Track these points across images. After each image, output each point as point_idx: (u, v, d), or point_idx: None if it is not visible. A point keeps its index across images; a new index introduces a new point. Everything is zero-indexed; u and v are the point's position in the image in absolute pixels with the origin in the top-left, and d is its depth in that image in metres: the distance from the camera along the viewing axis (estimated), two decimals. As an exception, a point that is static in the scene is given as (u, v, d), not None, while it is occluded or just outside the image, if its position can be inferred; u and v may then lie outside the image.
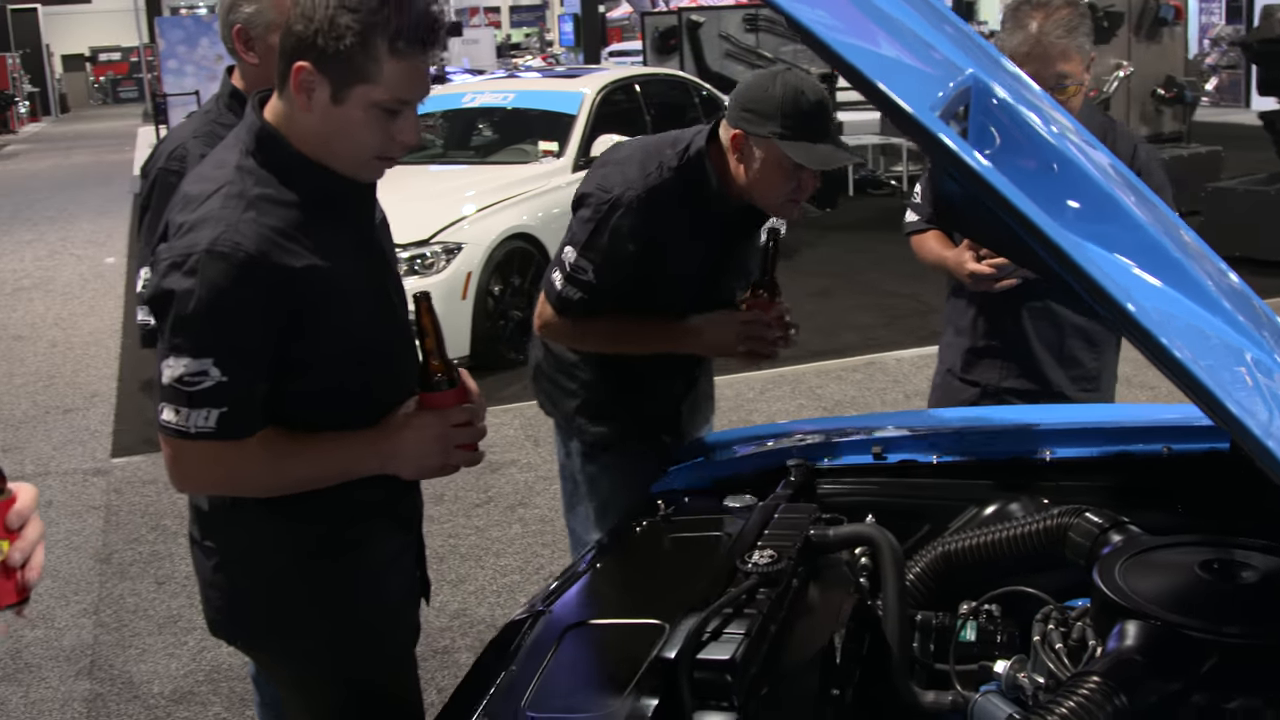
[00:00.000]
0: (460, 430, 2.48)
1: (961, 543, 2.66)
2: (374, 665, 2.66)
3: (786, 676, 2.15)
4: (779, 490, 2.83)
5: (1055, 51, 3.54)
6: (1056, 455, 2.93)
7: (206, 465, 2.36)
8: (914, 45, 1.78)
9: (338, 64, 2.25)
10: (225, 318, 2.26)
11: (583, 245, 3.25)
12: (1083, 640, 2.24)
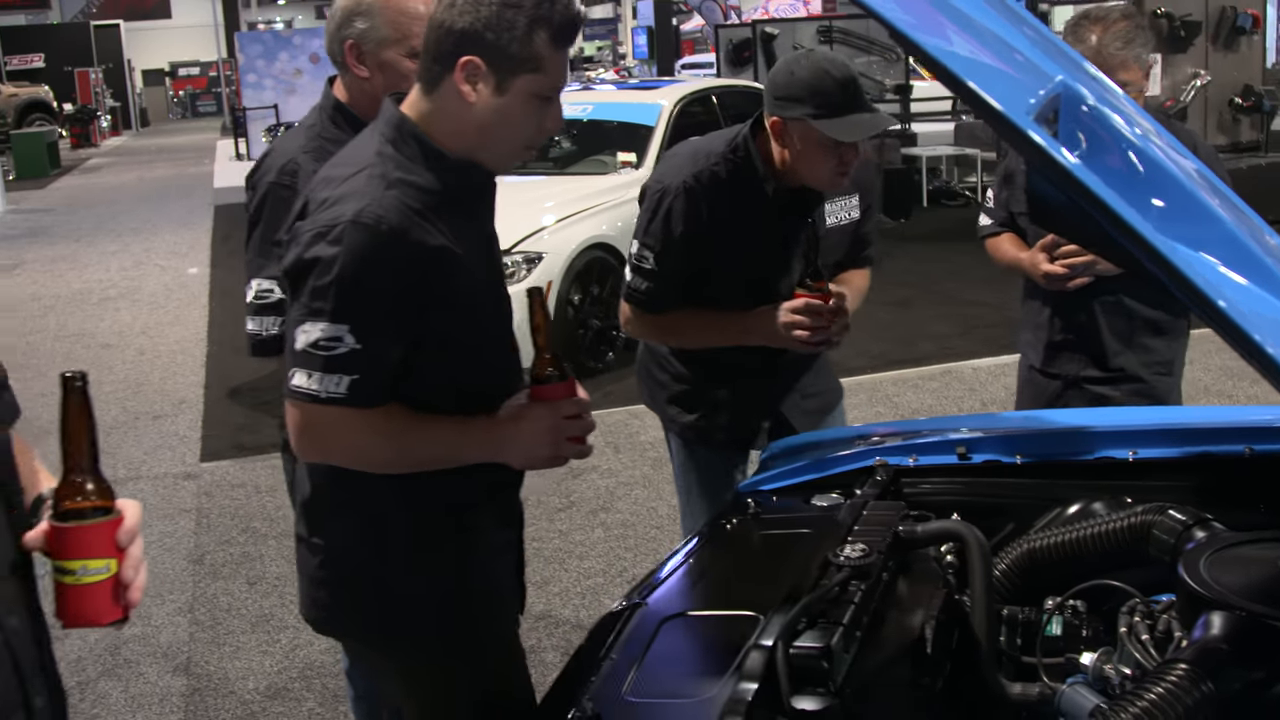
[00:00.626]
0: (570, 422, 2.53)
1: (1046, 540, 2.71)
2: (483, 654, 2.74)
3: (879, 665, 2.22)
4: (865, 489, 2.90)
5: (1115, 62, 3.69)
6: (1139, 455, 2.98)
7: (334, 432, 2.42)
8: (1003, 51, 1.86)
9: (506, 56, 2.38)
10: (364, 287, 2.35)
11: (642, 234, 3.48)
12: (1168, 632, 2.30)
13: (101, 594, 1.73)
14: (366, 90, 3.30)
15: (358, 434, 2.44)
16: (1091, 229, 1.78)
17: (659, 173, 3.55)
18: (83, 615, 1.73)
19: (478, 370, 2.59)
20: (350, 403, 2.38)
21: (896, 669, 2.26)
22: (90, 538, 1.72)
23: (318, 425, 2.43)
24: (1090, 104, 1.84)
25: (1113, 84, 2.88)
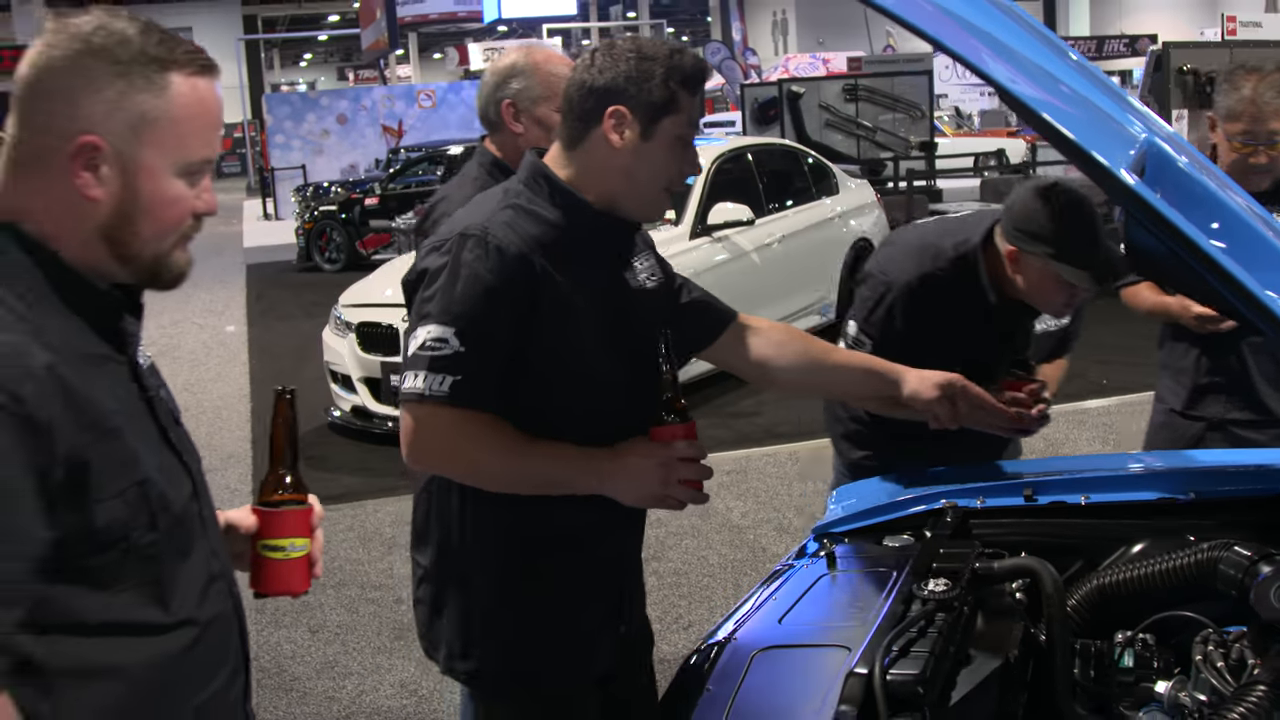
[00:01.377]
0: (684, 465, 2.56)
1: (1116, 575, 2.83)
2: (562, 684, 2.80)
3: (966, 693, 2.33)
4: (936, 530, 3.02)
5: (1269, 111, 3.89)
6: (1200, 494, 3.09)
7: (439, 435, 2.50)
8: (1095, 110, 2.00)
9: (649, 103, 2.59)
10: (470, 293, 2.49)
11: (863, 321, 3.59)
12: (1242, 660, 2.41)
13: (300, 567, 2.10)
14: (520, 146, 3.58)
15: (463, 439, 2.51)
16: (1185, 273, 1.92)
17: (883, 261, 3.63)
18: (284, 584, 2.11)
19: (591, 405, 2.66)
20: (452, 401, 2.46)
21: (982, 697, 2.37)
22: (297, 520, 2.09)
23: (425, 428, 2.51)
24: (1173, 158, 1.99)
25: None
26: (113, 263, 1.85)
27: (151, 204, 1.83)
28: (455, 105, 31.92)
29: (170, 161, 1.83)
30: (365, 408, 9.02)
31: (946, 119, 29.99)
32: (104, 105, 1.76)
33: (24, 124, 1.79)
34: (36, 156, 1.77)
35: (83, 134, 1.75)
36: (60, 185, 1.77)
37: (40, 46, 1.78)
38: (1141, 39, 35.35)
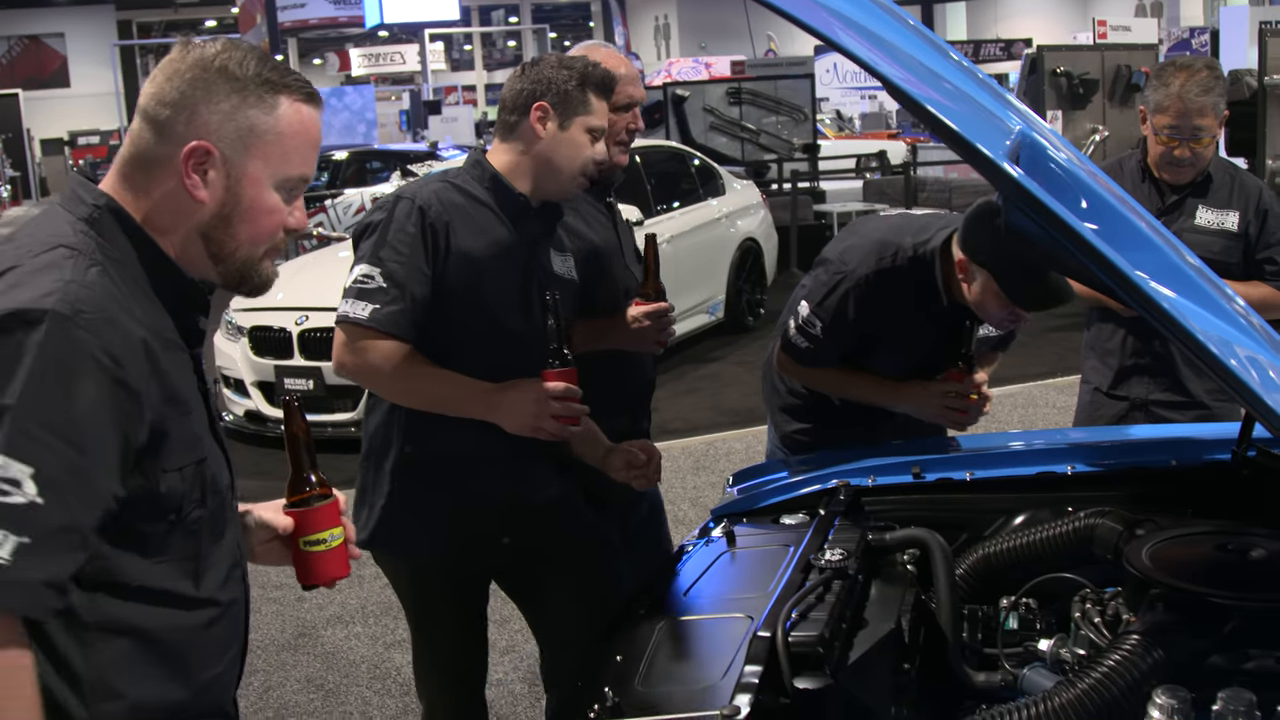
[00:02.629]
0: (557, 402, 3.09)
1: (1000, 545, 3.00)
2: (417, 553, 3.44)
3: (863, 654, 2.47)
4: (830, 508, 3.17)
5: (1194, 107, 4.04)
6: (1077, 470, 3.28)
7: (355, 351, 3.08)
8: (974, 103, 2.15)
9: (565, 101, 3.23)
10: (395, 241, 3.09)
11: (816, 304, 3.69)
12: (1117, 616, 2.58)
13: (340, 554, 2.28)
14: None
15: (376, 358, 3.08)
16: (1056, 250, 2.08)
17: (843, 250, 3.72)
18: (330, 573, 2.28)
19: (488, 349, 3.21)
20: (370, 324, 3.05)
21: (878, 658, 2.51)
22: (329, 513, 2.26)
23: (347, 344, 3.10)
24: (1044, 146, 2.15)
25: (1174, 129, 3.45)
26: (207, 262, 2.04)
27: (251, 210, 2.02)
28: (338, 110, 31.70)
29: (271, 174, 2.02)
30: (259, 412, 9.00)
31: (828, 121, 30.40)
32: (219, 116, 1.95)
33: (145, 128, 1.97)
34: (153, 157, 1.96)
35: (197, 139, 1.94)
36: (170, 184, 1.95)
37: (168, 63, 1.98)
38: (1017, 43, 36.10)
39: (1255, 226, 4.17)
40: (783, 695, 2.25)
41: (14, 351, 1.74)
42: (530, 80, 3.27)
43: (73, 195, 2.00)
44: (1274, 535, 2.64)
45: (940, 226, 3.64)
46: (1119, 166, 4.41)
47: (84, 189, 2.00)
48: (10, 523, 1.69)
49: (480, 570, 3.52)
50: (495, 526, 3.36)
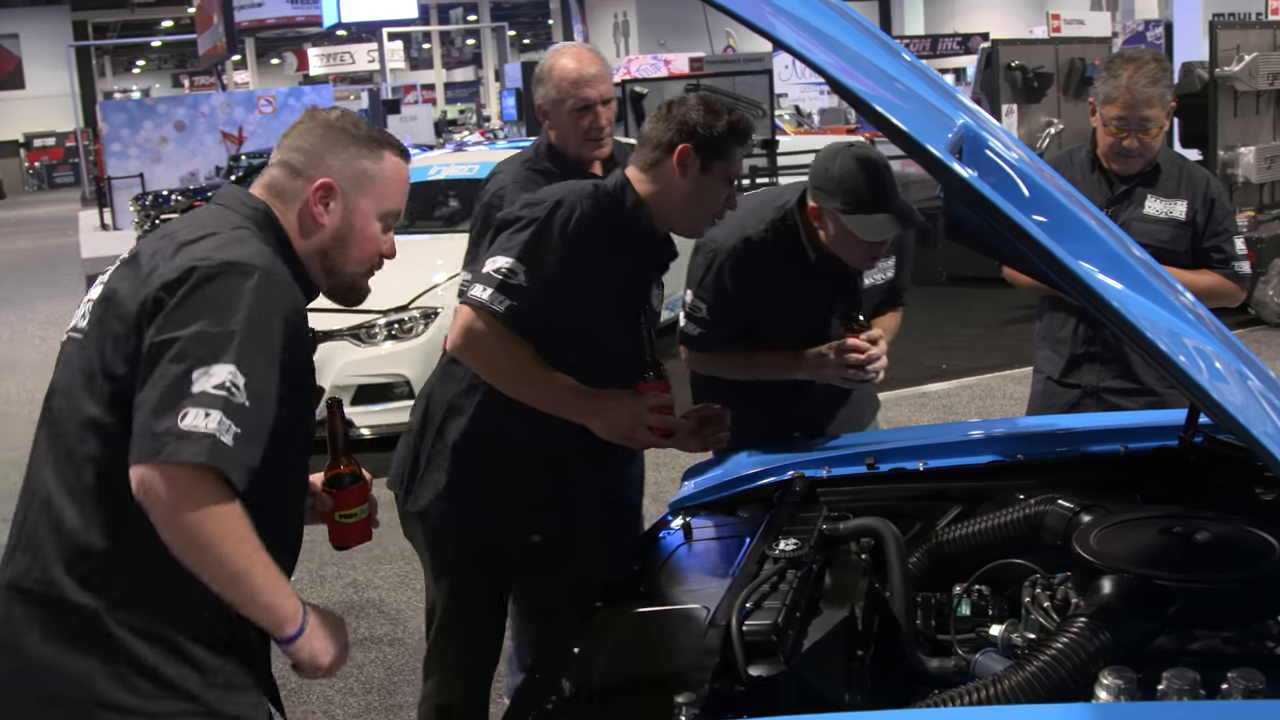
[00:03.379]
0: (654, 414, 3.32)
1: (952, 532, 3.05)
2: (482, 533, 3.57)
3: (818, 641, 2.51)
4: (785, 499, 3.20)
5: (1142, 99, 4.10)
6: (1028, 457, 3.33)
7: (481, 339, 3.27)
8: (916, 98, 2.19)
9: (709, 146, 3.29)
10: (545, 246, 3.26)
11: (696, 286, 3.80)
12: (1066, 600, 2.62)
13: (366, 525, 2.78)
14: (557, 138, 4.24)
15: (496, 348, 3.28)
16: (998, 242, 2.12)
17: (711, 233, 3.77)
18: (358, 538, 2.77)
19: (592, 354, 3.38)
20: (504, 319, 3.23)
21: (832, 645, 2.55)
22: (360, 493, 2.75)
23: (473, 328, 3.27)
24: (987, 140, 2.18)
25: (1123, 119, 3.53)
26: (320, 274, 2.57)
27: (360, 237, 2.57)
28: (296, 110, 31.47)
29: (375, 209, 2.57)
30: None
31: (787, 117, 30.45)
32: (340, 161, 2.53)
33: (282, 170, 2.55)
34: (289, 190, 2.53)
35: (323, 178, 2.51)
36: (301, 209, 2.51)
37: (300, 125, 2.58)
38: (974, 37, 36.22)
39: (1203, 215, 4.24)
40: (738, 683, 2.29)
41: (236, 291, 2.26)
42: (676, 121, 3.33)
43: (235, 199, 2.51)
44: (1219, 519, 2.69)
45: (797, 187, 3.77)
46: (1069, 158, 4.47)
47: (245, 196, 2.52)
48: (235, 416, 2.18)
49: (519, 557, 3.63)
50: (537, 519, 3.55)
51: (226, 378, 2.18)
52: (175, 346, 2.21)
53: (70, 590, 2.30)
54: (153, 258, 2.36)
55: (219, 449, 2.15)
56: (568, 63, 4.18)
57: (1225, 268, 4.25)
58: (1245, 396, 2.20)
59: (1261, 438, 1.96)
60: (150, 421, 2.17)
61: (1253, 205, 11.45)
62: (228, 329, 2.22)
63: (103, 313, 2.37)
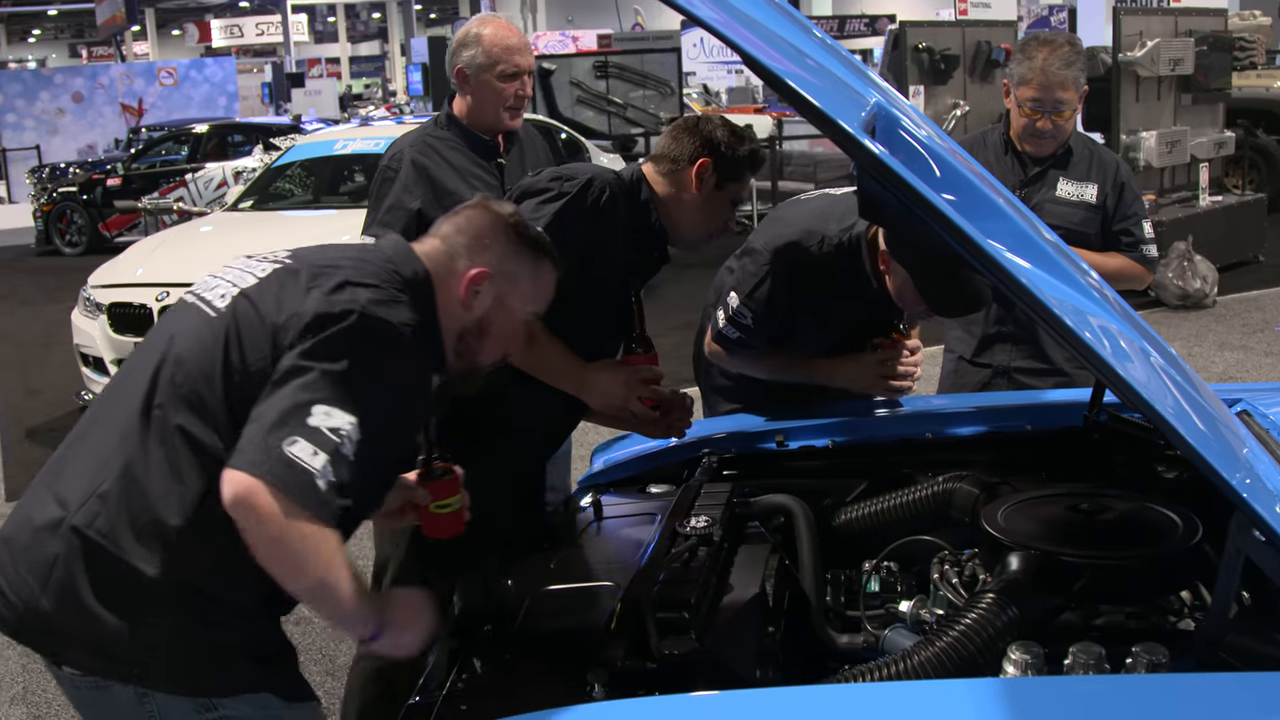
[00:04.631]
0: (644, 385, 3.30)
1: (862, 509, 3.07)
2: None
3: (729, 618, 2.52)
4: (697, 475, 3.21)
5: (1056, 81, 4.12)
6: (936, 435, 3.36)
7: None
8: (831, 76, 2.19)
9: (729, 164, 3.34)
10: (571, 213, 3.25)
11: (745, 295, 3.63)
12: (974, 576, 2.66)
13: (460, 516, 2.75)
14: (471, 105, 4.26)
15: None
16: (909, 220, 2.12)
17: (768, 238, 3.69)
18: (450, 530, 2.75)
19: (593, 324, 3.39)
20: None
21: (743, 622, 2.56)
22: (453, 484, 2.73)
23: None
24: (899, 119, 2.19)
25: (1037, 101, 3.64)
26: (451, 352, 2.56)
27: (499, 331, 2.60)
28: (198, 83, 31.10)
29: (521, 310, 2.61)
30: (119, 390, 8.81)
31: (695, 95, 30.48)
32: (500, 257, 2.56)
33: (443, 249, 2.55)
34: (448, 268, 2.53)
35: (482, 268, 2.53)
36: (453, 291, 2.52)
37: (473, 217, 2.60)
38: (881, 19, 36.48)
39: (1113, 199, 4.29)
40: (650, 660, 2.29)
41: (382, 351, 2.31)
42: (702, 135, 3.37)
43: (402, 257, 2.49)
44: (1123, 496, 2.73)
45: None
46: (981, 140, 4.50)
47: (413, 259, 2.50)
48: (338, 466, 2.18)
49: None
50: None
51: (345, 426, 2.20)
52: (310, 375, 2.22)
53: (135, 555, 2.31)
54: (314, 279, 2.35)
55: (314, 492, 2.16)
56: (499, 30, 4.24)
57: (1134, 251, 4.31)
58: (1149, 373, 2.22)
59: (1164, 412, 1.99)
60: (262, 434, 2.18)
61: (1154, 189, 11.64)
62: (364, 383, 2.25)
63: (246, 308, 2.37)
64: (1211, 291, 10.95)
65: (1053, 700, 2.03)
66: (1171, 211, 11.74)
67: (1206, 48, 12.09)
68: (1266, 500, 2.08)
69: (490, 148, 4.32)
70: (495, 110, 4.22)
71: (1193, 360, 8.91)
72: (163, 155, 19.70)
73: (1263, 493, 2.12)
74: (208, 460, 2.28)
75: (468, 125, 4.29)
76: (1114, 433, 3.12)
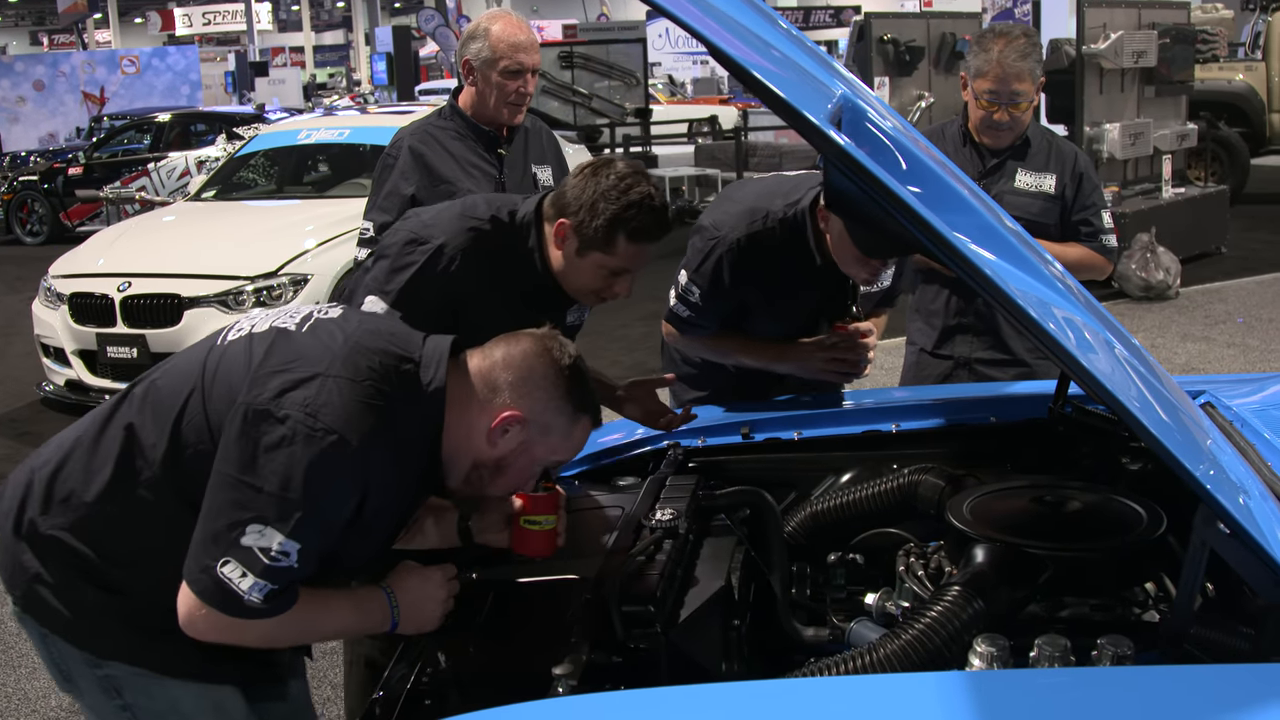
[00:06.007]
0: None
1: (828, 502, 3.06)
2: None
3: (695, 611, 2.51)
4: (662, 468, 3.20)
5: (1012, 72, 4.14)
6: (901, 428, 3.36)
7: None
8: (798, 68, 2.18)
9: (588, 234, 3.09)
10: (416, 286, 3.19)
11: (692, 271, 3.66)
12: (940, 569, 2.66)
13: (550, 538, 2.66)
14: (475, 98, 4.38)
15: None
16: (876, 211, 2.12)
17: (715, 216, 3.70)
18: (540, 548, 2.66)
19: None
20: None
21: (709, 615, 2.55)
22: (549, 502, 2.64)
23: None
24: (865, 112, 2.19)
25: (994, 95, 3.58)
26: (458, 480, 2.49)
27: (516, 474, 2.52)
28: (161, 71, 30.92)
29: (544, 458, 2.53)
30: (80, 381, 8.73)
31: (660, 86, 30.48)
32: (541, 405, 2.45)
33: (492, 373, 2.46)
34: (483, 402, 2.44)
35: (518, 411, 2.44)
36: (480, 423, 2.43)
37: (534, 347, 2.48)
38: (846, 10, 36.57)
39: (1071, 189, 4.31)
40: (615, 654, 2.28)
41: (325, 463, 2.24)
42: (571, 190, 3.14)
43: (433, 358, 2.44)
44: (1087, 488, 2.74)
45: (810, 186, 3.60)
46: (940, 132, 4.52)
47: (434, 374, 2.42)
48: (274, 577, 2.22)
49: None
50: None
51: (275, 546, 2.21)
52: (245, 492, 2.23)
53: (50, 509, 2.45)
54: (291, 361, 2.34)
55: (243, 608, 2.22)
56: (507, 27, 4.32)
57: (1093, 240, 4.33)
58: (1112, 364, 2.23)
59: (1127, 403, 1.99)
60: (200, 546, 2.26)
61: (1117, 181, 11.71)
62: (300, 501, 2.22)
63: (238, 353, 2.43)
64: (1174, 283, 11.02)
65: (1018, 693, 2.02)
66: (1135, 203, 11.81)
67: (1169, 40, 12.15)
68: (1230, 492, 2.08)
69: (492, 139, 4.43)
70: (497, 105, 4.33)
71: (1155, 352, 8.96)
72: (125, 144, 19.56)
73: (1226, 484, 2.13)
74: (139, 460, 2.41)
75: (471, 116, 4.39)
76: (1078, 425, 3.12)
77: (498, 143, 4.43)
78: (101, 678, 2.45)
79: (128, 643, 2.44)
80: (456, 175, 4.29)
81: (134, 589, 2.42)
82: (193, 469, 2.35)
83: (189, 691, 2.47)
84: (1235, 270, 12.12)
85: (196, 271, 8.45)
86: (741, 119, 20.21)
